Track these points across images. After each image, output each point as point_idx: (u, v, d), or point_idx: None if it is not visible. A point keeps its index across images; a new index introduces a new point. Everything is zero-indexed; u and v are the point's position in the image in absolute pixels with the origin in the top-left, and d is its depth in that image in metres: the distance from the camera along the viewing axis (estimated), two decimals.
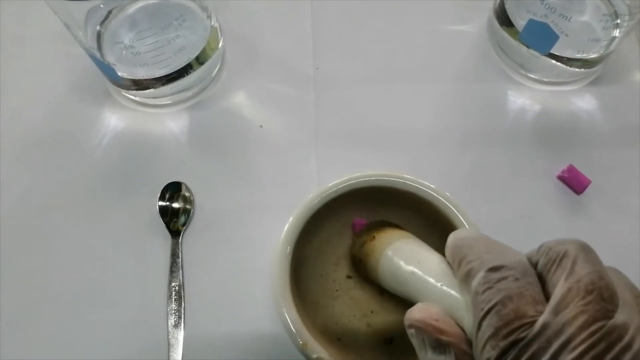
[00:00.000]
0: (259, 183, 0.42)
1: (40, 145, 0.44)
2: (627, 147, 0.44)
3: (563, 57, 0.43)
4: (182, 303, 0.39)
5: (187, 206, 0.41)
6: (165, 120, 0.44)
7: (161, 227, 0.41)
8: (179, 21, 0.38)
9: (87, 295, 0.39)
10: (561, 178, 0.43)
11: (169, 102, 0.44)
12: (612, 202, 0.42)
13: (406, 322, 0.25)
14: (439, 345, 0.23)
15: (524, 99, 0.46)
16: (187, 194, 0.41)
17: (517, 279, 0.21)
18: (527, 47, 0.44)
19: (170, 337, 0.38)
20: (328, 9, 0.49)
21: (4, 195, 0.42)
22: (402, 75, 0.47)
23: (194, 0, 0.42)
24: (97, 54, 0.39)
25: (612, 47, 0.43)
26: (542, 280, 0.22)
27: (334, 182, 0.35)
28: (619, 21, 0.42)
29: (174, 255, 0.40)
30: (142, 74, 0.41)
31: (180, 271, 0.39)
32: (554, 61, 0.44)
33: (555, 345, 0.19)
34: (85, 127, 0.44)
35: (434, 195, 0.34)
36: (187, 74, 0.42)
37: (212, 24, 0.42)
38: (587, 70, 0.45)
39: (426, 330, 0.24)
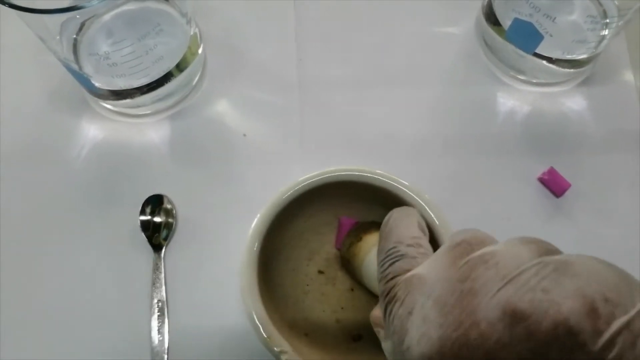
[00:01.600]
0: (243, 193, 0.41)
1: (16, 157, 0.43)
2: (611, 150, 0.43)
3: (550, 58, 0.43)
4: (166, 318, 0.38)
5: (169, 219, 0.40)
6: (146, 130, 0.43)
7: (143, 241, 0.40)
8: (157, 30, 0.37)
9: (67, 312, 0.38)
10: (541, 180, 0.42)
11: (149, 111, 0.43)
12: (591, 206, 0.42)
13: (371, 319, 0.27)
14: None
15: (513, 100, 0.45)
16: (169, 207, 0.40)
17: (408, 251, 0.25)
18: (513, 46, 0.43)
19: (153, 353, 0.37)
20: (312, 13, 0.48)
21: None
22: (388, 80, 0.46)
23: (173, 6, 0.41)
24: (74, 66, 0.38)
25: (600, 48, 0.42)
26: None
27: (307, 176, 0.35)
28: (607, 21, 0.41)
29: (156, 270, 0.39)
30: (121, 84, 0.39)
31: (163, 286, 0.38)
32: (541, 61, 0.43)
33: (427, 284, 0.21)
34: (63, 138, 0.43)
35: (407, 192, 0.34)
36: (167, 82, 0.41)
37: (192, 29, 0.41)
38: (576, 70, 0.44)
39: (382, 325, 0.25)
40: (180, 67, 0.41)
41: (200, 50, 0.43)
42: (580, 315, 0.17)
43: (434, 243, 0.34)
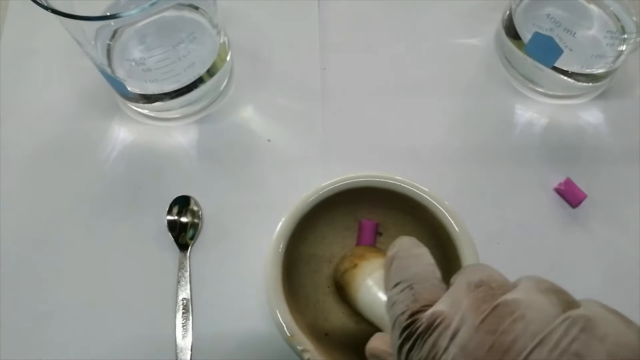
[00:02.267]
0: (267, 197, 0.43)
1: (49, 158, 0.44)
2: (627, 163, 0.44)
3: (568, 72, 0.44)
4: (190, 316, 0.39)
5: (195, 220, 0.41)
6: (174, 133, 0.45)
7: (169, 241, 0.41)
8: (190, 38, 0.39)
9: (95, 308, 0.40)
10: (558, 191, 0.43)
11: (178, 115, 0.45)
12: (607, 216, 0.42)
13: (367, 352, 0.26)
14: None
15: (531, 112, 0.46)
16: (195, 208, 0.42)
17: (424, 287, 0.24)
18: (533, 59, 0.44)
19: (178, 350, 0.38)
20: (336, 22, 0.49)
21: (13, 208, 0.43)
22: (410, 89, 0.47)
23: (203, 15, 0.43)
24: (108, 70, 0.40)
25: (618, 63, 0.43)
26: None
27: (330, 181, 0.36)
28: (625, 37, 0.42)
29: (182, 269, 0.40)
30: (153, 89, 0.41)
31: (189, 285, 0.40)
32: (559, 75, 0.44)
33: (451, 327, 0.20)
34: (94, 140, 0.45)
35: (427, 199, 0.35)
36: (197, 88, 0.43)
37: (222, 38, 0.43)
38: (593, 84, 0.45)
39: (381, 357, 0.25)
40: (210, 72, 0.43)
41: (228, 57, 0.45)
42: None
43: (453, 251, 0.35)
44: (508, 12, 0.46)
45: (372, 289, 0.31)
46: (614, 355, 0.17)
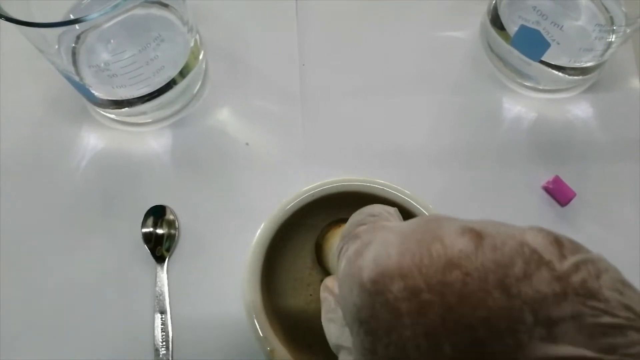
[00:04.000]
0: (246, 203, 0.41)
1: (14, 167, 0.42)
2: (616, 159, 0.43)
3: (556, 65, 0.42)
4: (169, 330, 0.38)
5: (172, 231, 0.40)
6: (147, 139, 0.43)
7: (145, 253, 0.39)
8: (158, 41, 0.37)
9: (69, 325, 0.38)
10: (546, 189, 0.42)
11: (150, 120, 0.43)
12: (597, 215, 0.41)
13: (322, 285, 0.27)
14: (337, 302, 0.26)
15: (519, 107, 0.45)
16: (171, 217, 0.40)
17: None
18: (519, 53, 0.43)
19: None
20: (315, 20, 0.47)
21: None
22: (392, 87, 0.45)
23: (173, 12, 0.41)
24: (75, 77, 0.38)
25: (607, 56, 0.41)
26: None
27: (310, 187, 0.36)
28: (615, 28, 0.40)
29: (159, 282, 0.39)
30: (121, 94, 0.39)
31: (167, 299, 0.38)
32: (547, 68, 0.42)
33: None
34: (63, 147, 0.42)
35: (410, 202, 0.35)
36: (169, 90, 0.41)
37: (193, 37, 0.41)
38: (582, 77, 0.44)
39: (330, 288, 0.26)
40: (182, 73, 0.41)
41: (201, 57, 0.43)
42: (545, 242, 0.17)
43: None
44: (493, 3, 0.44)
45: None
46: (546, 230, 0.18)
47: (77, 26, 0.36)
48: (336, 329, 0.25)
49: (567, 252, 0.17)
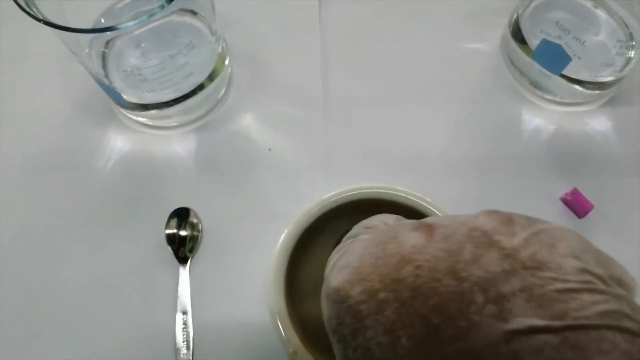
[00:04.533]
0: (267, 207, 0.42)
1: (44, 168, 0.43)
2: (634, 173, 0.43)
3: (576, 79, 0.43)
4: (190, 330, 0.38)
5: (195, 233, 0.40)
6: (172, 142, 0.44)
7: (168, 254, 0.40)
8: (188, 48, 0.37)
9: (93, 323, 0.39)
10: (564, 200, 0.42)
11: (176, 124, 0.44)
12: (615, 227, 0.42)
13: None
14: None
15: (538, 119, 0.45)
16: (194, 220, 0.41)
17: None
18: (540, 66, 0.43)
19: None
20: (337, 28, 0.48)
21: (7, 219, 0.42)
22: (413, 95, 0.46)
23: (201, 20, 0.41)
24: (105, 80, 0.39)
25: (626, 71, 0.42)
26: None
27: (332, 193, 0.37)
28: (634, 43, 0.41)
29: (182, 282, 0.39)
30: (150, 98, 0.40)
31: (189, 299, 0.39)
32: (567, 82, 0.43)
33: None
34: (90, 149, 0.43)
35: (431, 210, 0.36)
36: (195, 95, 0.42)
37: (220, 45, 0.42)
38: (601, 91, 0.44)
39: None
40: (210, 78, 0.42)
41: (227, 63, 0.44)
42: (495, 224, 0.18)
43: None
44: (515, 16, 0.45)
45: None
46: (500, 212, 0.20)
47: (108, 32, 0.38)
48: None
49: (517, 229, 0.18)
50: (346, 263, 0.20)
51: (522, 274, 0.17)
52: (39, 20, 0.32)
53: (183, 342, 0.38)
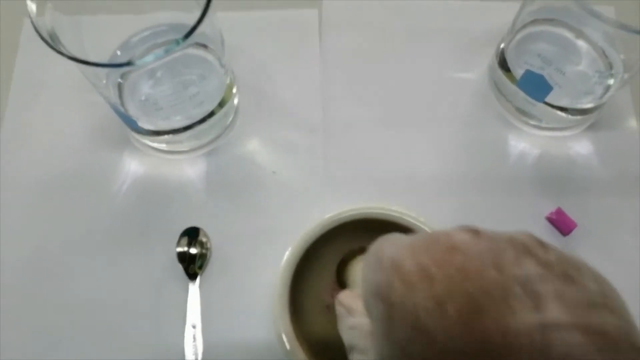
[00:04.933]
0: (272, 227, 0.45)
1: (62, 190, 0.46)
2: (615, 193, 0.46)
3: (558, 106, 0.46)
4: (200, 345, 0.41)
5: (204, 251, 0.43)
6: (183, 166, 0.47)
7: (179, 271, 0.43)
8: (200, 78, 0.41)
9: (105, 339, 0.41)
10: (549, 219, 0.45)
11: (187, 148, 0.47)
12: (597, 244, 0.45)
13: (338, 299, 0.31)
14: (350, 313, 0.29)
15: (524, 143, 0.48)
16: (204, 239, 0.44)
17: None
18: (524, 94, 0.46)
19: None
20: (336, 58, 0.51)
21: (25, 239, 0.44)
22: (407, 121, 0.49)
23: (211, 53, 0.45)
24: (121, 109, 0.42)
25: (606, 98, 0.45)
26: None
27: (333, 214, 0.39)
28: (613, 72, 0.44)
29: (191, 298, 0.42)
30: (164, 125, 0.43)
31: (199, 314, 0.41)
32: (550, 108, 0.46)
33: None
34: (106, 173, 0.46)
35: (424, 229, 0.38)
36: (204, 122, 0.45)
37: (229, 75, 0.45)
38: (583, 117, 0.47)
39: (343, 303, 0.30)
40: (220, 104, 0.45)
41: (234, 91, 0.47)
42: (532, 241, 0.21)
43: None
44: (501, 47, 0.48)
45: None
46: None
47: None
48: (350, 332, 0.28)
49: (550, 250, 0.21)
50: (396, 243, 0.23)
51: (556, 282, 0.19)
52: (65, 56, 0.35)
53: (192, 356, 0.40)
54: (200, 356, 0.40)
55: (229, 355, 0.41)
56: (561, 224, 0.45)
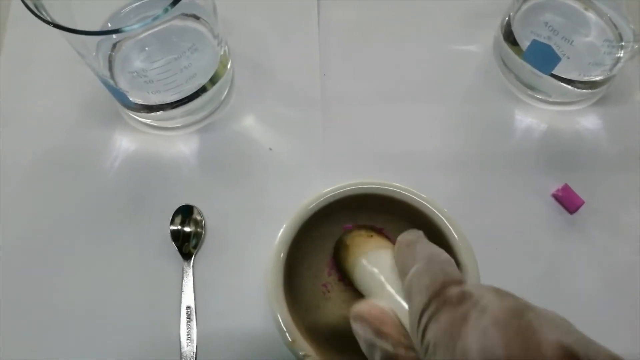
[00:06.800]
0: (268, 204, 0.43)
1: (51, 167, 0.45)
2: (624, 169, 0.45)
3: (566, 79, 0.44)
4: (194, 324, 0.40)
5: (198, 229, 0.42)
6: (176, 142, 0.45)
7: (173, 250, 0.41)
8: (191, 50, 0.39)
9: (98, 318, 0.40)
10: (555, 197, 0.44)
11: (180, 124, 0.45)
12: (605, 222, 0.43)
13: (351, 315, 0.27)
14: (379, 336, 0.26)
15: (530, 118, 0.47)
16: (198, 217, 0.42)
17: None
18: (531, 66, 0.45)
19: (182, 357, 0.39)
20: (335, 31, 0.49)
21: (15, 217, 0.43)
22: (409, 96, 0.47)
23: (204, 25, 0.43)
24: (111, 81, 0.40)
25: (615, 70, 0.43)
26: None
27: (330, 189, 0.37)
28: (623, 44, 0.42)
29: (186, 277, 0.41)
30: (155, 99, 0.41)
31: (192, 293, 0.40)
32: (557, 81, 0.44)
33: (480, 304, 0.22)
34: (97, 149, 0.45)
35: (426, 206, 0.36)
36: (198, 97, 0.43)
37: (223, 48, 0.43)
38: (591, 90, 0.46)
39: (368, 320, 0.26)
40: (212, 81, 0.43)
41: (229, 66, 0.45)
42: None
43: (452, 257, 0.35)
44: (507, 19, 0.47)
45: (367, 268, 0.33)
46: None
47: (114, 35, 0.39)
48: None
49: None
50: (486, 347, 0.21)
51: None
52: (48, 22, 0.33)
53: (187, 334, 0.39)
54: (195, 335, 0.39)
55: (224, 334, 0.40)
56: (568, 201, 0.43)
